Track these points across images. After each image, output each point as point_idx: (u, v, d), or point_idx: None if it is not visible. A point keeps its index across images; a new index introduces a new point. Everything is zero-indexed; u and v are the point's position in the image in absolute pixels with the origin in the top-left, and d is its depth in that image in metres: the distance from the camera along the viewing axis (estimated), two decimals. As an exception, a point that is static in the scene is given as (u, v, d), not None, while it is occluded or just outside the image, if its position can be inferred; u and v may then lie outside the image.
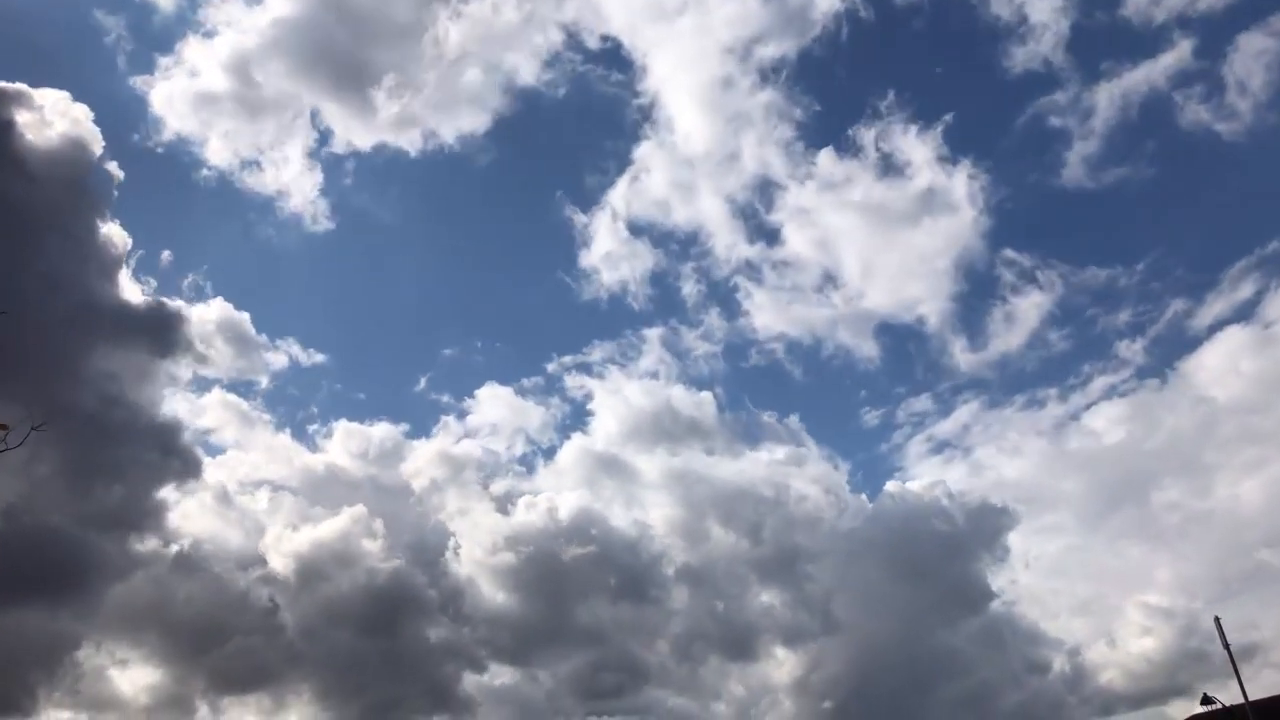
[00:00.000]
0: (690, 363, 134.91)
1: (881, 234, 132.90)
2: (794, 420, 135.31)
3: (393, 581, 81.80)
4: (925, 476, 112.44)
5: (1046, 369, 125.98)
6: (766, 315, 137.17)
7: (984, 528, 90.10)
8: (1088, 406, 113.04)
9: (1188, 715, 52.85)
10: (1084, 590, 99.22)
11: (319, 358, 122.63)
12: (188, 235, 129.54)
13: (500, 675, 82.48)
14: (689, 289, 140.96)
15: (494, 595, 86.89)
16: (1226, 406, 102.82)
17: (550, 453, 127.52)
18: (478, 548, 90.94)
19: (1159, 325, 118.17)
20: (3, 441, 19.30)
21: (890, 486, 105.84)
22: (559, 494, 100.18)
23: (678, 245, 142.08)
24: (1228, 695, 39.20)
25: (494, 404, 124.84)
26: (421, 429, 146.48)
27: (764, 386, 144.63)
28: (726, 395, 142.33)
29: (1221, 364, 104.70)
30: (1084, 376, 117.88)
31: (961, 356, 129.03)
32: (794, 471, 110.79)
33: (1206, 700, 38.85)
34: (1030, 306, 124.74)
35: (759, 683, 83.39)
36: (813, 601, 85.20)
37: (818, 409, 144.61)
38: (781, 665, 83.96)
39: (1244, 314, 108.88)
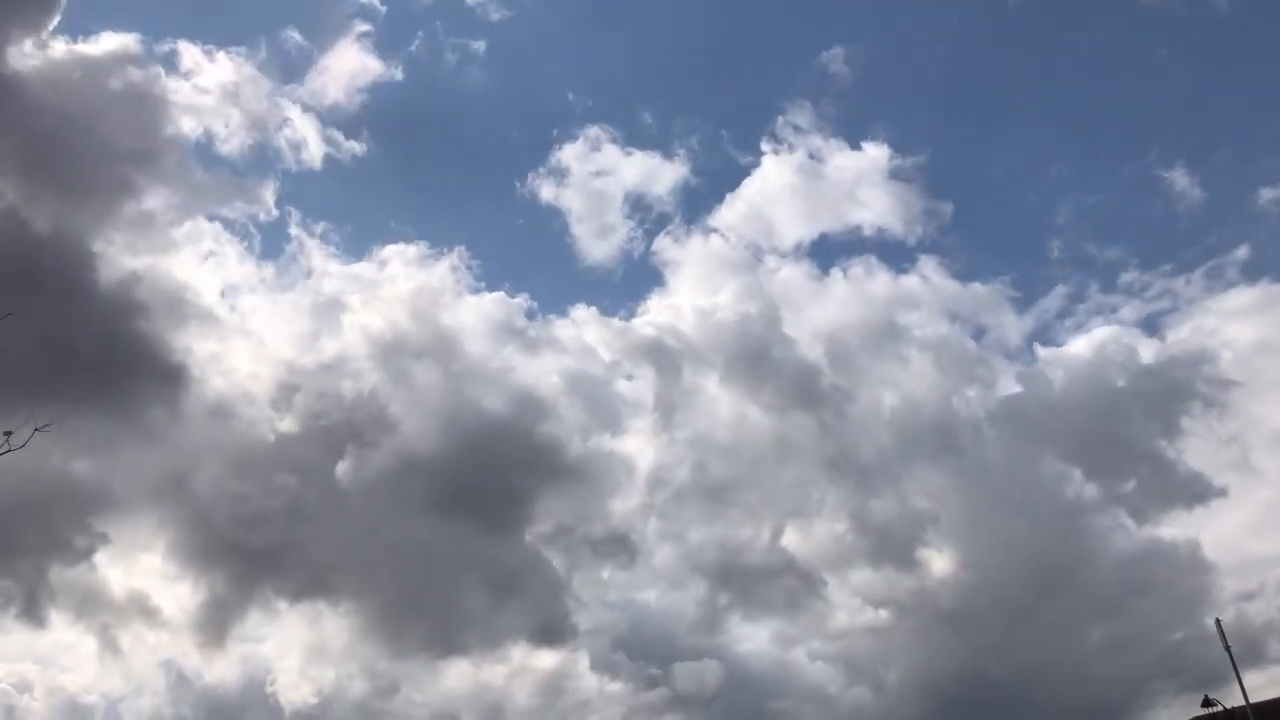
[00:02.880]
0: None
1: None
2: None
3: (457, 432, 65.89)
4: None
5: None
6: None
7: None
8: None
9: (1189, 718, 52.69)
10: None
11: (355, 147, 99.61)
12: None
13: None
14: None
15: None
16: None
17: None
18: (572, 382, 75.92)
19: None
20: (6, 444, 19.00)
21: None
22: (678, 304, 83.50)
23: None
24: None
25: (588, 161, 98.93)
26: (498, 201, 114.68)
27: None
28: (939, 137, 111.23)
29: None
30: None
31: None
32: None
33: (1208, 703, 38.87)
34: None
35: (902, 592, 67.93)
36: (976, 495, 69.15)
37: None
38: (931, 576, 68.91)
39: None
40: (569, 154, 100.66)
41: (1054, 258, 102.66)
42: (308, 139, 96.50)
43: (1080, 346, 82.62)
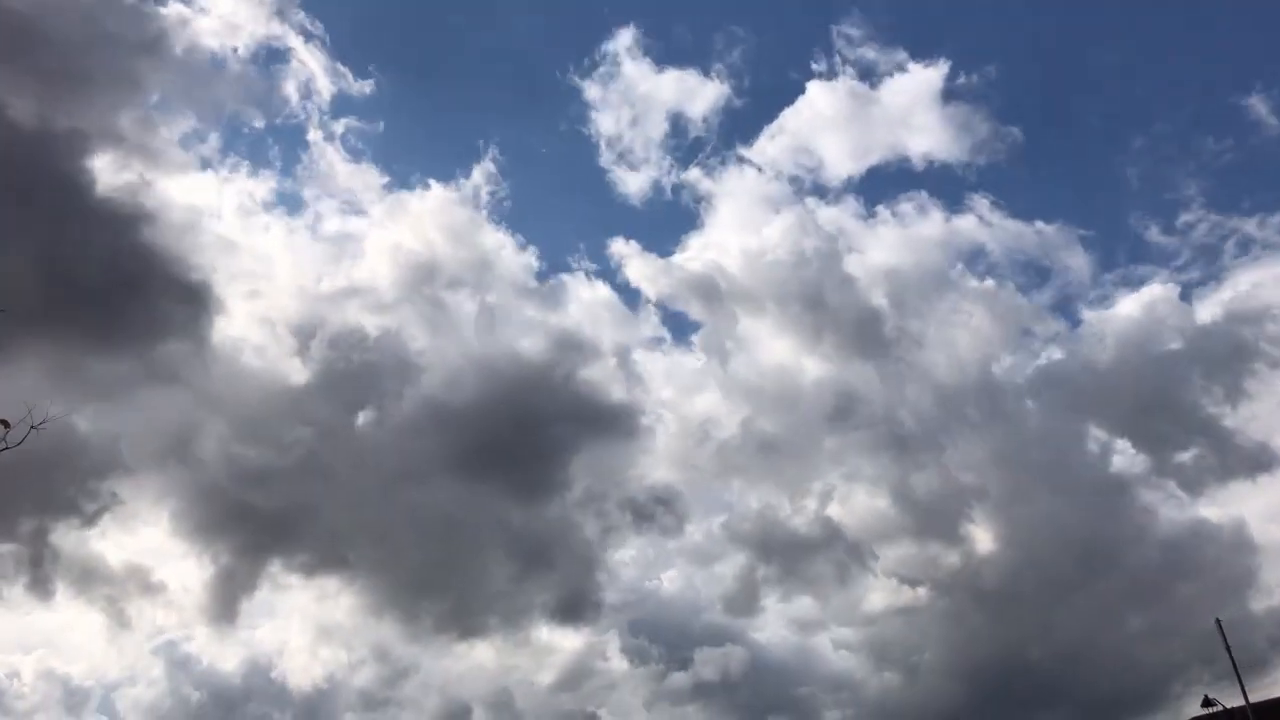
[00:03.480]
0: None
1: None
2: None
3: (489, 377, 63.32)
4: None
5: None
6: None
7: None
8: None
9: (1190, 718, 52.55)
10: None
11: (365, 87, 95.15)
12: None
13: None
14: None
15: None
16: None
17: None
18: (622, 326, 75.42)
19: None
20: (3, 440, 19.18)
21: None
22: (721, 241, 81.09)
23: None
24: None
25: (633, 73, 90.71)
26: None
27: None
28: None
29: None
30: None
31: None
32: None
33: (1208, 703, 39.11)
34: None
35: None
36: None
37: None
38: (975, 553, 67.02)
39: None
40: (603, 72, 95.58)
41: (1125, 192, 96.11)
42: (317, 75, 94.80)
43: (1130, 306, 79.68)
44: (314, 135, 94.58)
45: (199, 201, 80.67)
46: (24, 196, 47.68)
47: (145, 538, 61.16)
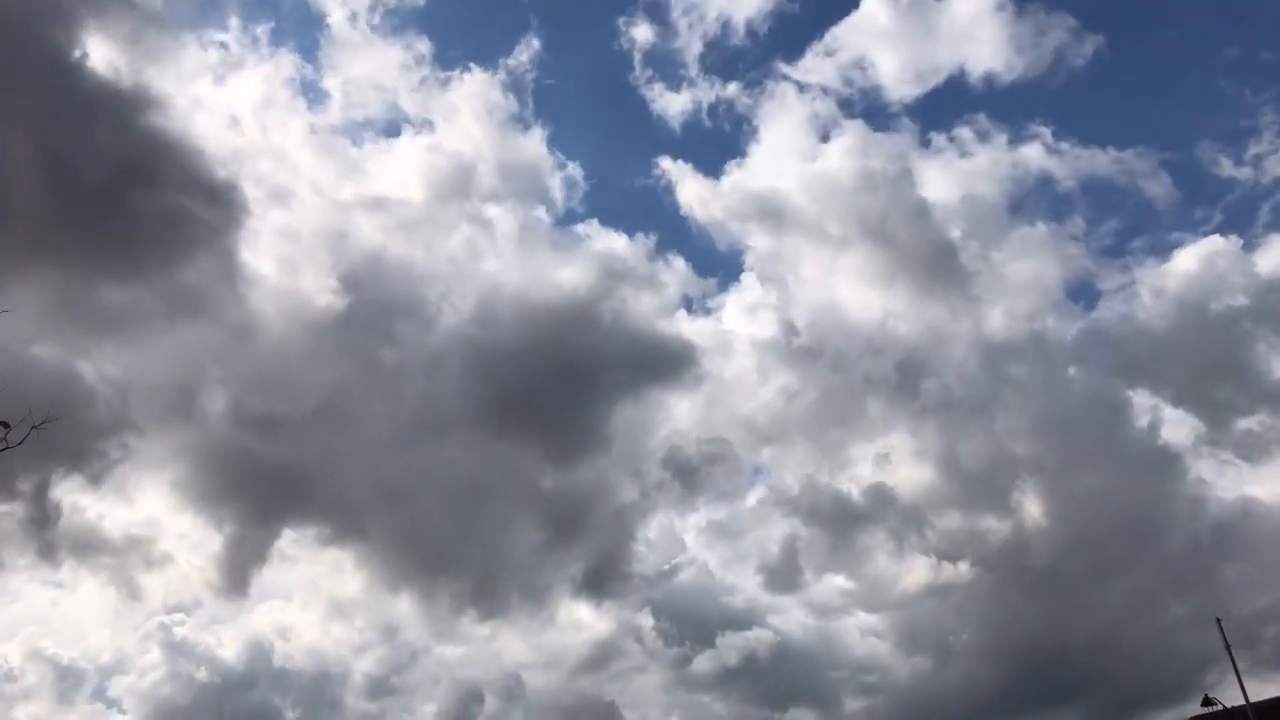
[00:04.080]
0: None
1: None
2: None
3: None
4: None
5: None
6: None
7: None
8: None
9: (1189, 718, 52.65)
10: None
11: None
12: None
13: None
14: None
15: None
16: None
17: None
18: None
19: None
20: (3, 440, 18.78)
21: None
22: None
23: None
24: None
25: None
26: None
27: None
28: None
29: None
30: None
31: None
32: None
33: (1208, 702, 39.29)
34: None
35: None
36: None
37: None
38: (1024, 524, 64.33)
39: None
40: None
41: (1195, 117, 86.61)
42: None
43: (1187, 257, 76.09)
44: (338, 15, 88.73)
45: (211, 93, 73.70)
46: (10, 79, 41.22)
47: (147, 506, 59.47)
